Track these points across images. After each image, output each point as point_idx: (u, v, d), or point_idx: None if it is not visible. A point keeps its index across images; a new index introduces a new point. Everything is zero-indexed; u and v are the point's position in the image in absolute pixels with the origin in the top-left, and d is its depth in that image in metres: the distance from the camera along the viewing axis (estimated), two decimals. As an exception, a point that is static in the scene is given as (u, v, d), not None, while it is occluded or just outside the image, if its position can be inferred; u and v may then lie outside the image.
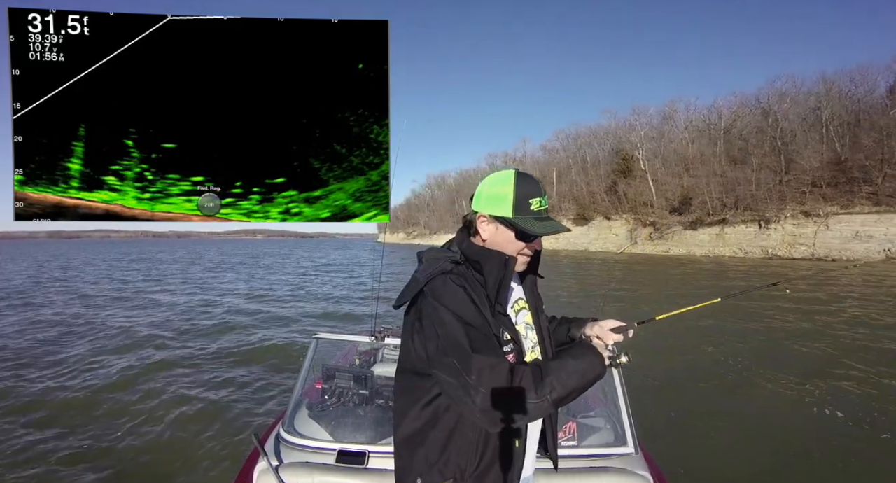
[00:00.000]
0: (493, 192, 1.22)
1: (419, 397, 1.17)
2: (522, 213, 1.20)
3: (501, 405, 1.03)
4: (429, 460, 1.16)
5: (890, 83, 40.83)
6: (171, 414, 4.89)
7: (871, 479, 3.59)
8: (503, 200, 1.20)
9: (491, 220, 1.22)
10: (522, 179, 1.22)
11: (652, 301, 13.86)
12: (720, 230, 42.70)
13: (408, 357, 1.20)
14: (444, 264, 1.18)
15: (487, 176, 1.28)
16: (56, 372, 6.41)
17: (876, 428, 4.45)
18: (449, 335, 1.08)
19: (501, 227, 1.22)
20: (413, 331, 1.16)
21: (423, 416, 1.17)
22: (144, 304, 13.10)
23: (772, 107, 46.22)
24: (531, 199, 1.20)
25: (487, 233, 1.23)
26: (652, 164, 52.46)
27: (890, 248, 31.69)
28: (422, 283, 1.15)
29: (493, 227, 1.22)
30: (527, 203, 1.20)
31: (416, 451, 1.17)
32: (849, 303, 12.78)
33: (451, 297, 1.12)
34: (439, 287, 1.13)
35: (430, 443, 1.16)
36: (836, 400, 5.17)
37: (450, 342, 1.07)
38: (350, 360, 3.15)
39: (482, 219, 1.23)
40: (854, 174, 36.41)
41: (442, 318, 1.09)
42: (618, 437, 2.19)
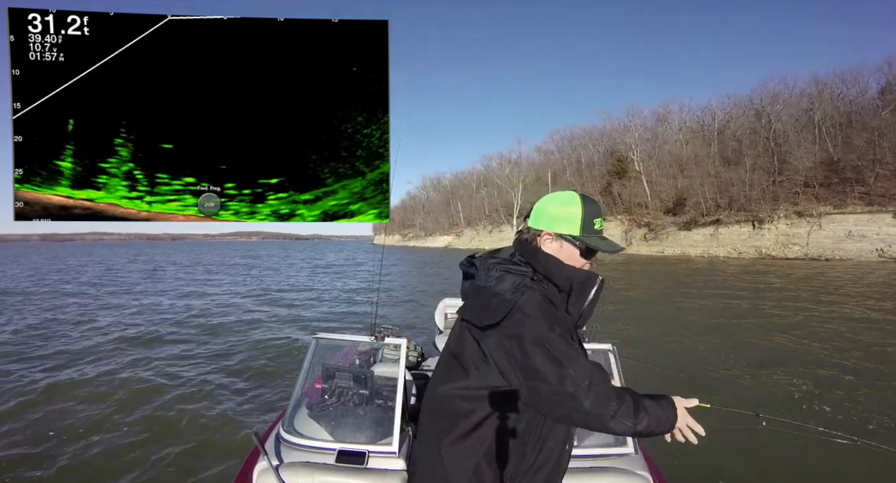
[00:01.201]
0: (560, 212, 1.29)
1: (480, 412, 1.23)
2: (588, 232, 1.28)
3: (603, 412, 1.09)
4: (482, 466, 1.22)
5: (881, 84, 41.29)
6: (172, 414, 4.88)
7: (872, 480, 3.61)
8: (571, 220, 1.27)
9: (556, 238, 1.28)
10: (588, 201, 1.30)
11: (648, 300, 13.93)
12: (714, 230, 42.94)
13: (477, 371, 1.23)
14: (525, 279, 1.23)
15: (547, 196, 1.35)
16: (55, 371, 6.37)
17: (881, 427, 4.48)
18: (558, 347, 1.12)
19: (567, 245, 1.28)
20: (501, 348, 1.17)
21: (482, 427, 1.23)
22: (146, 303, 13.04)
23: (765, 108, 46.58)
24: (595, 220, 1.28)
25: (552, 249, 1.28)
26: (646, 166, 52.68)
27: (882, 247, 31.96)
28: (510, 300, 1.18)
29: (557, 245, 1.28)
30: (591, 223, 1.28)
31: (468, 460, 1.23)
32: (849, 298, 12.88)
33: (548, 313, 1.18)
34: (534, 303, 1.18)
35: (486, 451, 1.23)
36: (835, 397, 5.21)
37: (561, 353, 1.12)
38: (350, 359, 3.14)
39: (547, 237, 1.29)
40: (846, 174, 36.72)
41: (548, 332, 1.14)
42: (617, 437, 2.20)
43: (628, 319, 10.08)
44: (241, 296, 15.77)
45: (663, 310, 12.10)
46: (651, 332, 9.03)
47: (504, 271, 1.25)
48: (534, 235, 1.30)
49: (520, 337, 1.14)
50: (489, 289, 1.23)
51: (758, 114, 47.33)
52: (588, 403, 1.08)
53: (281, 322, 10.67)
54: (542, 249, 1.29)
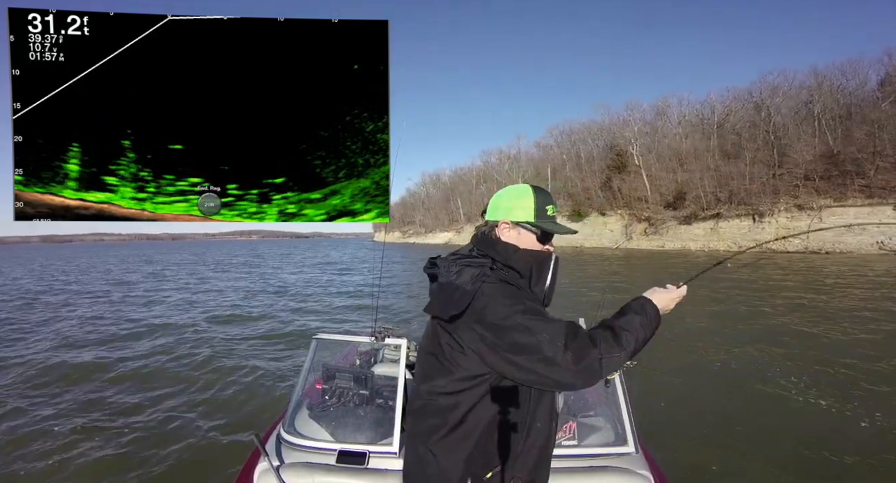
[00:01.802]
0: (514, 203, 1.36)
1: (467, 402, 1.26)
2: (542, 218, 1.35)
3: (589, 362, 1.14)
4: (474, 455, 1.26)
5: (881, 76, 41.20)
6: (171, 413, 4.89)
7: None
8: (525, 208, 1.34)
9: (513, 226, 1.35)
10: (540, 190, 1.38)
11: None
12: (714, 224, 42.91)
13: (456, 364, 1.25)
14: (484, 269, 1.28)
15: (500, 191, 1.42)
16: (55, 371, 6.38)
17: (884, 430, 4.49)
18: (527, 319, 1.17)
19: (524, 232, 1.35)
20: (473, 334, 1.21)
21: (469, 420, 1.26)
22: (147, 303, 13.06)
23: (764, 101, 46.47)
24: (547, 206, 1.36)
25: (510, 238, 1.35)
26: (646, 160, 52.60)
27: (882, 240, 31.93)
28: (471, 290, 1.23)
29: (515, 233, 1.35)
30: (545, 209, 1.35)
31: (460, 453, 1.27)
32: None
33: (510, 292, 1.24)
34: (494, 287, 1.24)
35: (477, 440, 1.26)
36: (836, 393, 5.22)
37: (531, 323, 1.16)
38: (350, 360, 3.14)
39: (504, 226, 1.35)
40: (846, 167, 36.65)
41: (512, 311, 1.18)
42: (618, 436, 2.19)
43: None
44: (246, 294, 15.79)
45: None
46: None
47: (464, 265, 1.30)
48: (491, 227, 1.37)
49: (488, 319, 1.19)
50: (451, 283, 1.28)
51: (757, 107, 47.22)
52: (571, 360, 1.13)
53: (282, 322, 10.68)
54: (500, 239, 1.35)
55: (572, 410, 2.48)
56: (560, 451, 2.09)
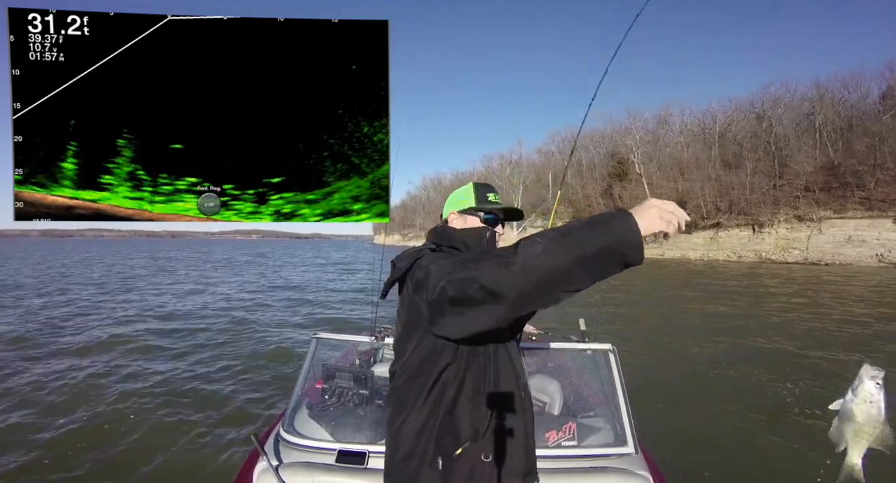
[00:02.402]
0: (458, 197, 1.49)
1: (427, 378, 1.27)
2: (483, 203, 1.46)
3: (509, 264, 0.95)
4: (441, 433, 1.25)
5: (882, 89, 41.31)
6: (171, 413, 4.88)
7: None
8: (468, 198, 1.47)
9: (459, 215, 1.47)
10: (481, 184, 1.50)
11: (649, 302, 13.92)
12: (714, 234, 42.93)
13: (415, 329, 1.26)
14: (423, 250, 1.34)
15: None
16: (53, 370, 6.36)
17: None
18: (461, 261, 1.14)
19: (469, 217, 1.46)
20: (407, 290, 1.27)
21: (432, 396, 1.26)
22: (149, 302, 13.05)
23: (766, 112, 46.59)
24: (488, 194, 1.47)
25: (458, 225, 1.46)
26: (647, 168, 52.69)
27: (882, 252, 31.95)
28: (405, 266, 1.28)
29: (462, 220, 1.46)
30: (486, 196, 1.47)
31: (428, 432, 1.26)
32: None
33: (443, 256, 1.27)
34: (431, 255, 1.28)
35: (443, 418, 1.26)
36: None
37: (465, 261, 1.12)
38: (350, 360, 3.14)
39: (452, 217, 1.48)
40: (847, 179, 36.70)
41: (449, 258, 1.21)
42: (618, 437, 2.20)
43: (628, 320, 10.09)
44: (248, 292, 15.79)
45: (663, 312, 12.10)
46: (651, 333, 9.04)
47: (407, 253, 1.37)
48: (444, 222, 1.50)
49: (424, 268, 1.20)
50: (394, 265, 1.36)
51: (759, 117, 47.35)
52: (486, 265, 0.99)
53: (282, 321, 10.67)
54: (449, 227, 1.47)
55: (572, 411, 2.48)
56: (560, 452, 2.10)
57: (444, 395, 1.26)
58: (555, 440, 2.17)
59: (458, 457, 1.24)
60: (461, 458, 1.24)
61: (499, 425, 1.28)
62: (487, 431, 1.26)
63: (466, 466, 1.24)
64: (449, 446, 1.24)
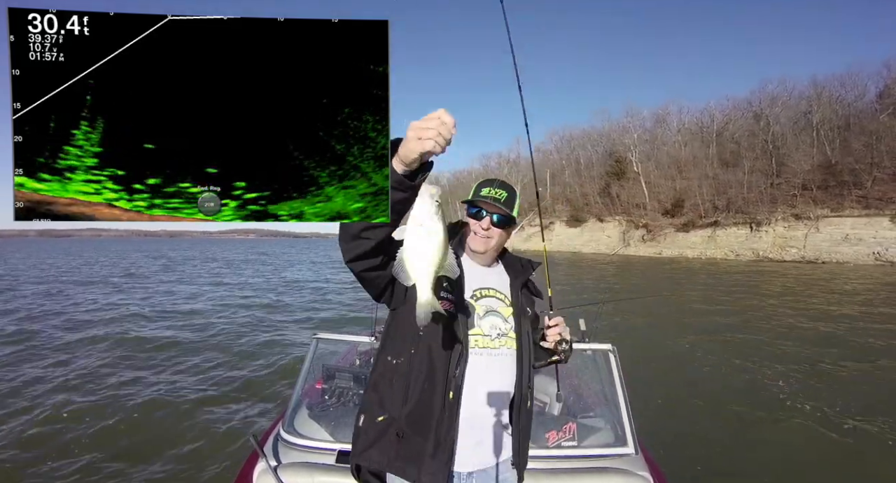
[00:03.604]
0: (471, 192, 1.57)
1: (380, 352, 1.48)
2: (476, 196, 1.52)
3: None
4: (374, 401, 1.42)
5: (880, 88, 41.48)
6: (171, 414, 4.87)
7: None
8: (470, 191, 1.55)
9: (462, 207, 1.57)
10: (487, 179, 1.57)
11: (648, 303, 13.95)
12: (712, 232, 43.03)
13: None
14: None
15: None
16: (54, 371, 6.35)
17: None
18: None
19: (467, 209, 1.55)
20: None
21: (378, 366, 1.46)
22: (150, 300, 13.02)
23: (763, 110, 46.73)
24: (484, 189, 1.52)
25: (463, 216, 1.58)
26: (645, 167, 52.78)
27: (879, 250, 32.06)
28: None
29: (464, 213, 1.57)
30: (480, 190, 1.53)
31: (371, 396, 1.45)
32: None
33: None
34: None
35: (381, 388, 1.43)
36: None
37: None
38: (350, 360, 3.14)
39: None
40: (844, 178, 36.84)
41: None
42: (618, 437, 2.21)
43: (628, 320, 10.11)
44: (249, 291, 15.77)
45: (663, 311, 12.13)
46: (651, 333, 9.06)
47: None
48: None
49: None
50: None
51: (756, 116, 47.50)
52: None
53: (282, 321, 10.66)
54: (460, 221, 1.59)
55: (572, 411, 2.49)
56: (560, 452, 2.11)
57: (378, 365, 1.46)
58: (555, 440, 2.18)
59: (378, 423, 1.39)
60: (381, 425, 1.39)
61: (420, 400, 1.35)
62: (407, 402, 1.36)
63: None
64: (375, 413, 1.40)
